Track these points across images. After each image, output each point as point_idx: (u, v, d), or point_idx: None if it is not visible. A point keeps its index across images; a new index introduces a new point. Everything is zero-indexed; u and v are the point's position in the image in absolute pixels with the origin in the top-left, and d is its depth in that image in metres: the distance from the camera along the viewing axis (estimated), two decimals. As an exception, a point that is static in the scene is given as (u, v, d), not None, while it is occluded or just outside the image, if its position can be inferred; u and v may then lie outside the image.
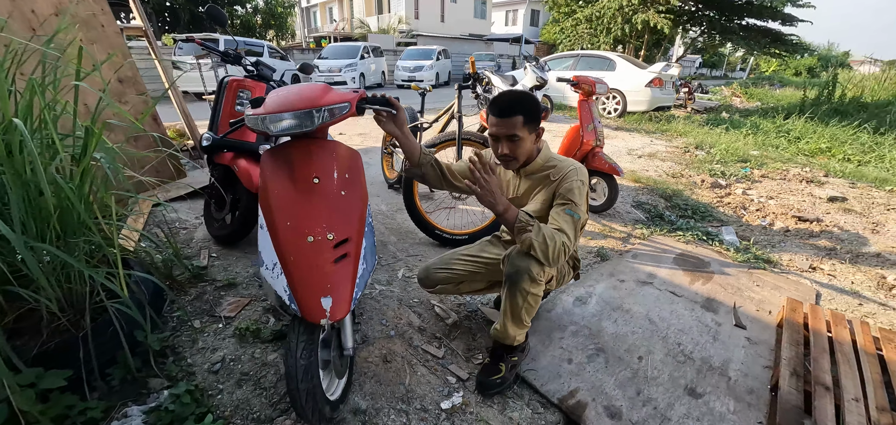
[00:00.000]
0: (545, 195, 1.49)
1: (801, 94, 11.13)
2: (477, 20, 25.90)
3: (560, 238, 1.34)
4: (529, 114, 1.43)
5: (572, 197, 1.41)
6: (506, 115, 1.41)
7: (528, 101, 1.44)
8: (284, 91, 1.34)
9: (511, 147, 1.44)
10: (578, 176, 1.45)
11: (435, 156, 1.66)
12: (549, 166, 1.51)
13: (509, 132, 1.42)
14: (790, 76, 27.55)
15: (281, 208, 1.25)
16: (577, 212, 1.40)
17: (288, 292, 1.18)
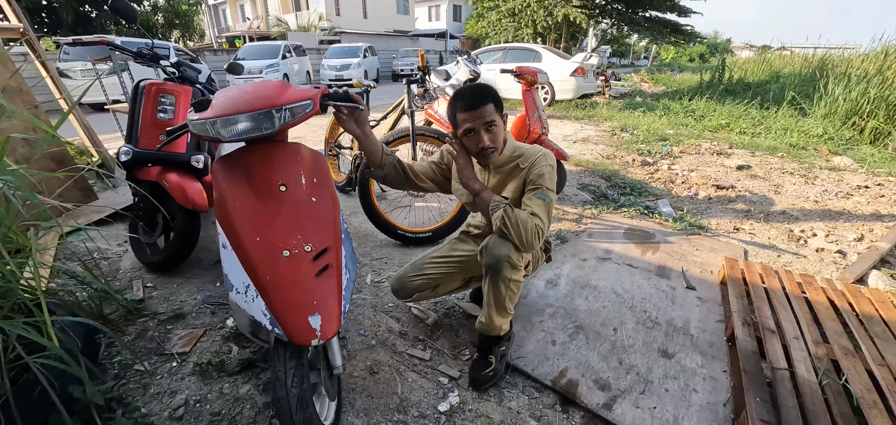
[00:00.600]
0: (516, 184, 1.48)
1: (697, 77, 12.56)
2: (400, 16, 25.69)
3: (533, 221, 1.35)
4: (496, 100, 1.43)
5: (543, 181, 1.42)
6: (478, 106, 1.39)
7: (490, 89, 1.44)
8: (235, 91, 1.21)
9: (491, 136, 1.42)
10: (547, 161, 1.46)
11: (397, 156, 1.60)
12: (516, 155, 1.50)
13: (487, 120, 1.40)
14: (686, 62, 31.09)
15: (246, 222, 1.12)
16: (549, 195, 1.41)
17: (268, 315, 1.06)
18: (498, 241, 1.41)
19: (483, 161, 1.49)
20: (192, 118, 1.16)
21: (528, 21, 12.25)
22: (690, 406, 1.50)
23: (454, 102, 1.44)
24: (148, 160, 2.19)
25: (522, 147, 1.52)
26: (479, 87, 1.44)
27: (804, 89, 8.39)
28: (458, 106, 1.42)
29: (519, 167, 1.48)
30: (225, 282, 1.13)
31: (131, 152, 2.14)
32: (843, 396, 1.47)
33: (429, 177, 1.66)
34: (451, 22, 28.79)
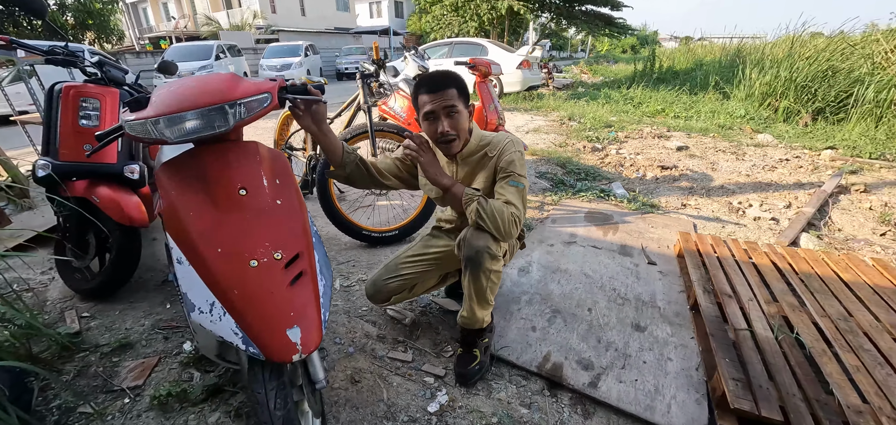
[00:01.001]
0: (486, 174, 1.45)
1: (631, 68, 13.36)
2: (340, 13, 24.96)
3: (509, 209, 1.34)
4: (461, 87, 1.39)
5: (514, 168, 1.39)
6: (441, 89, 1.35)
7: (455, 75, 1.40)
8: (179, 86, 1.07)
9: (451, 122, 1.38)
10: (516, 147, 1.43)
11: (359, 153, 1.52)
12: (483, 145, 1.47)
13: (447, 103, 1.36)
14: (619, 53, 33.04)
15: (204, 233, 1.00)
16: (521, 180, 1.40)
17: (240, 333, 0.94)
18: (476, 233, 1.38)
19: (445, 150, 1.45)
20: (129, 119, 1.01)
21: (472, 15, 12.39)
22: (668, 374, 1.57)
23: (418, 86, 1.41)
24: (72, 173, 1.94)
25: (489, 135, 1.49)
26: (445, 72, 1.40)
27: (725, 75, 9.19)
28: (421, 89, 1.39)
29: (487, 156, 1.45)
30: (183, 303, 1.00)
31: (50, 166, 1.87)
32: (797, 348, 1.61)
33: (393, 174, 1.60)
34: (394, 18, 28.45)
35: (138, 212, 1.91)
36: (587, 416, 1.41)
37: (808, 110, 6.47)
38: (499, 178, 1.41)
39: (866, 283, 2.02)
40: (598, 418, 1.41)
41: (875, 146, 4.57)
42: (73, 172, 1.93)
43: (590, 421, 1.40)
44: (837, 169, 3.91)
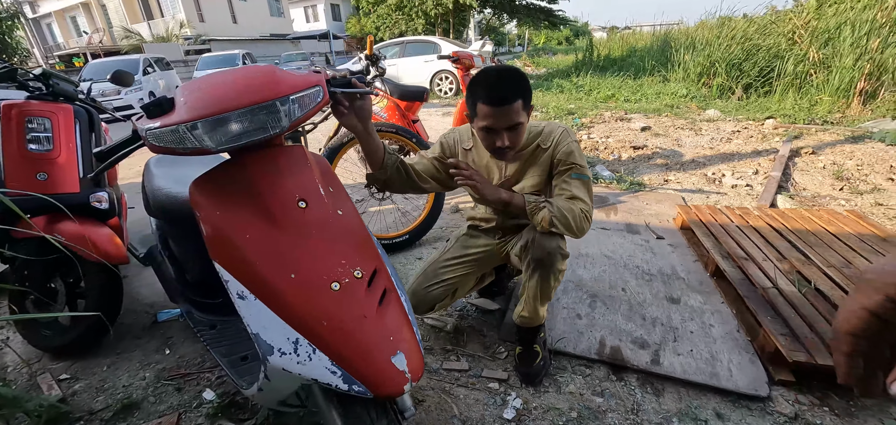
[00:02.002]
0: (540, 168, 1.34)
1: (570, 58, 13.98)
2: (275, 19, 23.75)
3: (578, 205, 1.25)
4: (527, 93, 1.20)
5: (574, 159, 1.29)
6: (506, 103, 1.15)
7: (522, 78, 1.20)
8: (211, 82, 0.91)
9: (513, 138, 1.21)
10: (571, 135, 1.33)
11: (400, 156, 1.38)
12: (534, 136, 1.35)
13: (512, 122, 1.18)
14: (556, 45, 34.54)
15: (269, 258, 0.85)
16: (585, 172, 1.30)
17: (339, 371, 0.79)
18: (546, 235, 1.31)
19: (499, 158, 1.32)
20: (153, 127, 0.84)
21: (418, 12, 12.31)
22: (715, 340, 1.61)
23: (476, 88, 1.20)
24: (26, 209, 1.63)
25: (539, 125, 1.38)
26: (510, 74, 1.19)
27: (659, 59, 9.88)
28: (480, 95, 1.18)
29: (540, 148, 1.34)
30: (257, 345, 0.84)
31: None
32: (820, 297, 1.72)
33: (431, 176, 1.46)
34: (332, 21, 27.57)
35: (114, 247, 1.65)
36: (659, 394, 1.41)
37: (738, 85, 7.12)
38: (559, 171, 1.31)
39: (850, 233, 2.22)
40: (670, 393, 1.41)
41: (806, 113, 5.11)
42: (26, 208, 1.62)
43: (663, 397, 1.40)
44: (783, 136, 4.32)
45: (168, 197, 1.39)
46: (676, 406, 1.37)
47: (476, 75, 1.24)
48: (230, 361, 1.24)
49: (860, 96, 5.47)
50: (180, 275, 1.54)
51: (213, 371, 1.61)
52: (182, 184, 1.43)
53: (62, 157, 1.75)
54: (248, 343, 1.32)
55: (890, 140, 3.71)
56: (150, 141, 0.85)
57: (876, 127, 4.24)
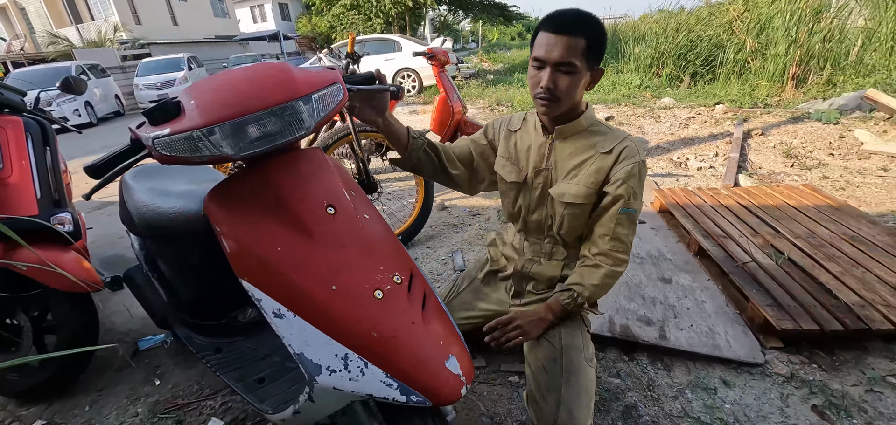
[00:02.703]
0: (590, 176, 1.07)
1: (524, 52, 14.31)
2: (219, 20, 22.47)
3: (619, 257, 1.08)
4: (597, 42, 0.98)
5: (634, 187, 1.04)
6: (566, 32, 0.95)
7: (597, 25, 0.98)
8: (221, 82, 0.82)
9: (557, 79, 0.98)
10: (640, 155, 1.06)
11: (427, 138, 1.23)
12: (594, 132, 1.09)
13: (563, 57, 0.95)
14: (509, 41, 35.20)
15: (306, 271, 0.80)
16: (637, 207, 1.07)
17: (395, 383, 0.75)
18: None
19: (539, 110, 1.08)
20: (161, 135, 0.75)
21: (376, 12, 12.12)
22: (710, 315, 1.72)
23: (544, 20, 1.01)
24: None
25: (604, 127, 1.11)
26: (586, 12, 0.99)
27: (610, 52, 10.31)
28: (544, 23, 1.00)
29: (596, 151, 1.07)
30: (302, 366, 0.79)
31: None
32: (794, 267, 1.88)
33: (465, 162, 1.27)
34: (281, 21, 26.49)
35: (85, 272, 1.51)
36: (669, 369, 1.49)
37: (686, 74, 7.59)
38: (611, 198, 1.05)
39: (809, 205, 2.44)
40: (679, 367, 1.49)
41: (749, 98, 5.54)
42: None
43: (673, 372, 1.47)
44: (733, 119, 4.66)
45: (156, 212, 1.28)
46: (686, 378, 1.45)
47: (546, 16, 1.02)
48: (246, 386, 1.16)
49: (793, 80, 6.00)
50: (172, 296, 1.43)
51: (215, 397, 1.51)
52: (169, 197, 1.33)
53: (14, 176, 1.58)
54: (260, 364, 1.25)
55: (825, 119, 4.10)
56: (159, 150, 0.76)
57: (811, 108, 4.67)
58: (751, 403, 1.35)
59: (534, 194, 1.17)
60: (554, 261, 1.22)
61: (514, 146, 1.21)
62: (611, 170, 1.05)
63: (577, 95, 1.03)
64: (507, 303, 1.30)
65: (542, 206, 1.17)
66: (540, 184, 1.15)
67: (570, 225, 1.13)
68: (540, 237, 1.23)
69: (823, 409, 1.32)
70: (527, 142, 1.19)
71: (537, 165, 1.15)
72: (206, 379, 1.60)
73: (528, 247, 1.25)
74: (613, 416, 1.32)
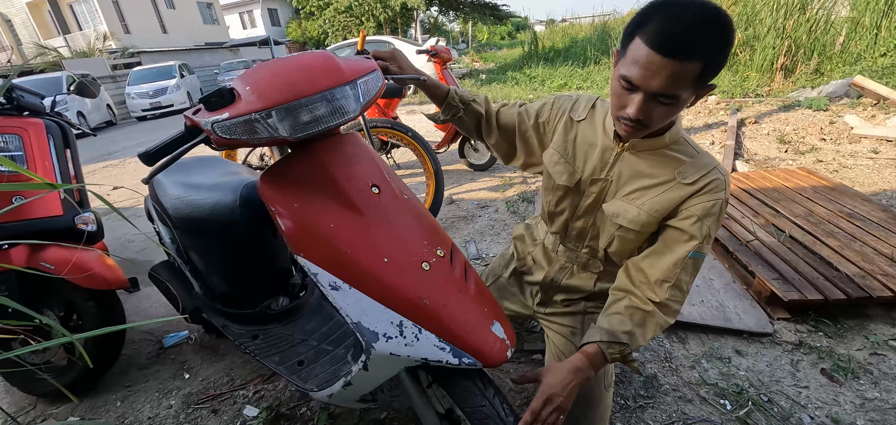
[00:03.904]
0: (657, 204, 0.88)
1: (515, 52, 14.43)
2: (209, 26, 22.30)
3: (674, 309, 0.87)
4: (716, 60, 0.70)
5: (710, 228, 0.85)
6: (678, 54, 0.68)
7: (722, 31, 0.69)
8: (271, 71, 0.85)
9: (652, 111, 0.76)
10: (726, 192, 0.86)
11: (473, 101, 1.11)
12: (675, 154, 0.87)
13: (665, 89, 0.72)
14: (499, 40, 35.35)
15: (360, 246, 0.85)
16: (706, 251, 0.87)
17: (448, 347, 0.82)
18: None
19: (620, 130, 0.85)
20: (220, 119, 0.78)
21: (368, 14, 12.16)
22: (718, 290, 1.79)
23: (647, 14, 0.72)
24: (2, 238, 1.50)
25: (692, 147, 0.90)
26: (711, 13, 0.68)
27: (600, 48, 10.46)
28: (647, 25, 0.71)
29: (677, 180, 0.86)
30: (359, 334, 0.84)
31: None
32: (796, 244, 1.96)
33: (505, 133, 1.11)
34: (271, 27, 26.37)
35: (111, 271, 1.54)
36: (683, 342, 1.56)
37: (677, 68, 7.74)
38: (678, 233, 0.86)
39: (805, 186, 2.53)
40: (693, 339, 1.56)
41: (741, 88, 5.67)
42: (3, 237, 1.49)
43: (688, 344, 1.54)
44: (725, 109, 4.77)
45: (192, 206, 1.32)
46: (701, 350, 1.52)
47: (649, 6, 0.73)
48: (287, 368, 1.21)
49: (781, 71, 6.15)
50: (206, 287, 1.46)
51: (247, 387, 1.55)
52: (201, 190, 1.36)
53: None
54: (297, 348, 1.29)
55: (815, 106, 4.22)
56: (219, 134, 0.80)
57: (801, 96, 4.80)
58: (763, 369, 1.43)
59: (584, 201, 0.99)
60: (588, 272, 1.08)
61: (573, 141, 1.01)
62: (684, 201, 0.85)
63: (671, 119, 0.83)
64: (532, 307, 1.21)
65: (589, 216, 1.00)
66: (594, 193, 0.97)
67: (619, 247, 0.97)
68: (578, 245, 1.06)
69: (832, 372, 1.39)
70: (590, 138, 0.98)
71: (596, 172, 0.96)
72: (235, 370, 1.63)
73: (563, 252, 1.10)
74: (635, 387, 1.39)
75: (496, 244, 2.40)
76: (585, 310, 1.11)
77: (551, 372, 0.85)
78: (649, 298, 0.87)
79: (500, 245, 2.38)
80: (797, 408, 1.29)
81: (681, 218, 0.86)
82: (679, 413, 1.30)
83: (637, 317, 0.87)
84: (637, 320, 0.87)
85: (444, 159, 3.83)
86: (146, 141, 7.63)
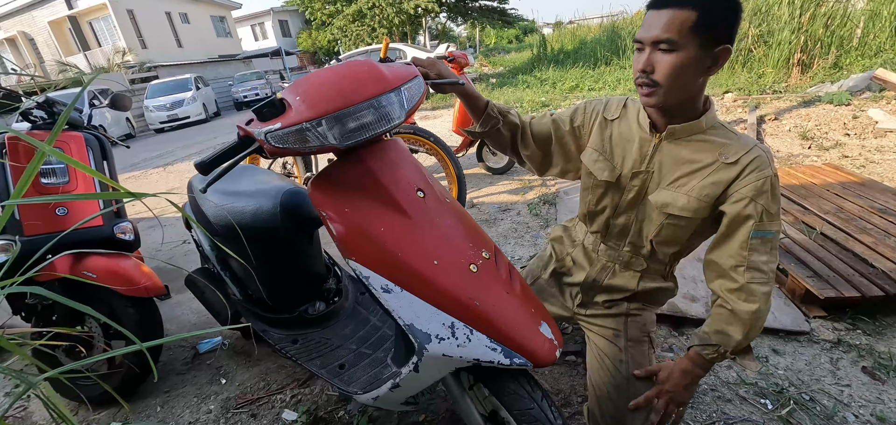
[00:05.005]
0: (705, 188, 0.89)
1: (523, 55, 14.44)
2: (222, 39, 22.76)
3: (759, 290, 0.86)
4: (711, 16, 0.78)
5: (766, 205, 0.85)
6: (670, 3, 0.79)
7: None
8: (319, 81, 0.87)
9: (655, 60, 0.82)
10: (771, 168, 0.87)
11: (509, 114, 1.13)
12: (714, 139, 0.90)
13: (660, 34, 0.80)
14: (506, 44, 35.45)
15: (410, 249, 0.87)
16: (776, 229, 0.87)
17: (499, 347, 0.83)
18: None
19: (642, 100, 0.91)
20: (272, 129, 0.80)
21: (379, 21, 12.32)
22: (750, 290, 1.77)
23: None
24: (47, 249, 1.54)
25: (730, 133, 0.91)
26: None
27: (610, 48, 10.40)
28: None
29: (719, 160, 0.88)
30: (412, 336, 0.86)
31: (17, 245, 1.48)
32: (828, 241, 1.93)
33: (541, 143, 1.13)
34: (281, 38, 26.80)
35: (148, 278, 1.58)
36: (718, 343, 1.54)
37: (690, 66, 7.67)
38: (734, 219, 0.87)
39: (833, 182, 2.49)
40: (728, 341, 1.54)
41: (757, 85, 5.60)
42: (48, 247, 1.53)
43: (723, 346, 1.53)
44: (743, 106, 4.71)
45: (233, 213, 1.36)
46: (737, 350, 1.50)
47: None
48: (329, 372, 1.23)
49: (798, 66, 6.06)
50: (245, 293, 1.50)
51: (284, 391, 1.57)
52: (241, 198, 1.40)
53: (80, 189, 1.67)
54: (337, 352, 1.31)
55: (836, 101, 4.15)
56: (272, 143, 0.82)
57: (821, 91, 4.73)
58: (802, 368, 1.41)
59: (626, 197, 1.01)
60: (631, 271, 1.07)
61: (610, 138, 1.03)
62: (732, 183, 0.87)
63: (687, 82, 0.83)
64: (572, 309, 1.19)
65: (631, 211, 1.01)
66: (636, 187, 0.98)
67: (668, 236, 0.97)
68: (620, 242, 1.06)
69: (874, 370, 1.37)
70: (626, 135, 1.01)
71: (636, 166, 0.98)
72: (270, 375, 1.66)
73: (604, 251, 1.10)
74: (672, 386, 1.38)
75: (521, 247, 2.40)
76: (628, 311, 1.10)
77: (665, 369, 0.98)
78: (728, 290, 0.90)
79: (525, 248, 2.39)
80: (840, 407, 1.27)
81: (732, 201, 0.87)
82: (719, 413, 1.29)
83: (723, 317, 0.91)
84: (724, 318, 0.91)
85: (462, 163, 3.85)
86: (165, 152, 7.81)
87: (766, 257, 0.87)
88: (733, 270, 0.88)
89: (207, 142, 8.37)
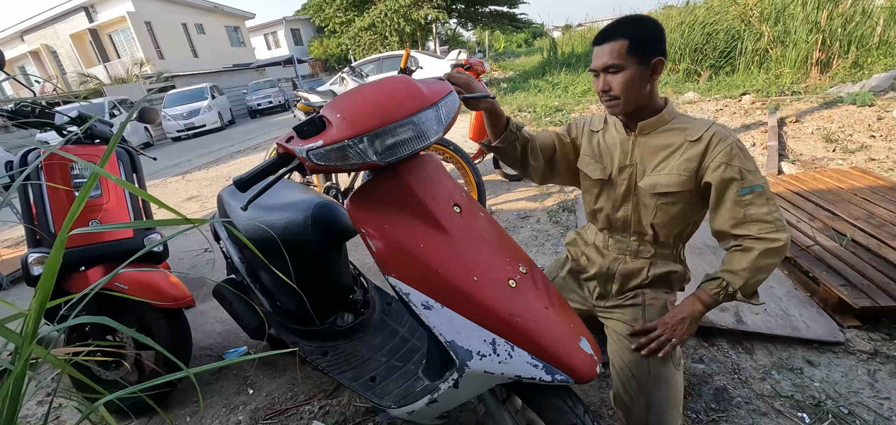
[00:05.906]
0: (681, 165, 1.05)
1: (533, 59, 14.40)
2: (236, 49, 23.20)
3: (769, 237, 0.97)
4: (639, 37, 1.00)
5: (741, 164, 0.99)
6: (605, 39, 1.02)
7: (640, 22, 1.04)
8: (358, 98, 0.88)
9: (610, 82, 1.03)
10: (732, 136, 1.04)
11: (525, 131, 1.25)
12: (678, 126, 1.08)
13: (607, 62, 1.02)
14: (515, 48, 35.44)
15: (450, 265, 0.86)
16: (759, 181, 1.00)
17: (540, 364, 0.82)
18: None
19: (609, 112, 1.12)
20: (314, 147, 0.81)
21: (391, 29, 12.43)
22: (780, 298, 1.74)
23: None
24: (81, 261, 1.59)
25: (688, 119, 1.11)
26: (626, 17, 1.06)
27: (624, 51, 10.29)
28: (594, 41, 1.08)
29: (687, 141, 1.05)
30: (453, 353, 0.85)
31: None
32: (859, 247, 1.89)
33: (545, 154, 1.27)
34: (294, 46, 27.20)
35: (177, 289, 1.61)
36: (750, 353, 1.52)
37: (704, 68, 7.57)
38: (719, 184, 1.01)
39: (861, 187, 2.43)
40: (760, 350, 1.52)
41: (776, 86, 5.51)
42: (82, 260, 1.58)
43: (755, 355, 1.50)
44: (762, 109, 4.63)
45: (266, 224, 1.38)
46: (769, 360, 1.48)
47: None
48: (361, 384, 1.24)
49: (817, 66, 5.94)
50: (275, 305, 1.52)
51: (312, 402, 1.59)
52: (273, 211, 1.42)
53: (111, 202, 1.71)
54: (367, 364, 1.32)
55: (859, 102, 4.06)
56: (313, 160, 0.83)
57: (842, 91, 4.63)
58: (839, 380, 1.38)
59: (618, 191, 1.16)
60: (640, 259, 1.18)
61: (598, 145, 1.21)
62: (704, 158, 1.03)
63: (638, 90, 1.04)
64: (590, 302, 1.28)
65: (627, 202, 1.15)
66: (625, 181, 1.14)
67: (664, 217, 1.10)
68: (625, 234, 1.19)
69: (915, 383, 1.33)
70: (610, 141, 1.19)
71: (621, 162, 1.14)
72: (297, 386, 1.68)
73: (614, 244, 1.22)
74: (705, 399, 1.36)
75: (542, 255, 2.39)
76: (646, 301, 1.17)
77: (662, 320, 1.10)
78: (740, 235, 1.01)
79: (547, 256, 2.38)
80: (881, 421, 1.24)
81: (711, 171, 1.02)
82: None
83: (734, 256, 1.02)
84: (733, 258, 1.02)
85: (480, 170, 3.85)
86: (183, 161, 7.95)
87: (766, 209, 0.99)
88: (739, 227, 1.00)
89: (223, 150, 8.51)
